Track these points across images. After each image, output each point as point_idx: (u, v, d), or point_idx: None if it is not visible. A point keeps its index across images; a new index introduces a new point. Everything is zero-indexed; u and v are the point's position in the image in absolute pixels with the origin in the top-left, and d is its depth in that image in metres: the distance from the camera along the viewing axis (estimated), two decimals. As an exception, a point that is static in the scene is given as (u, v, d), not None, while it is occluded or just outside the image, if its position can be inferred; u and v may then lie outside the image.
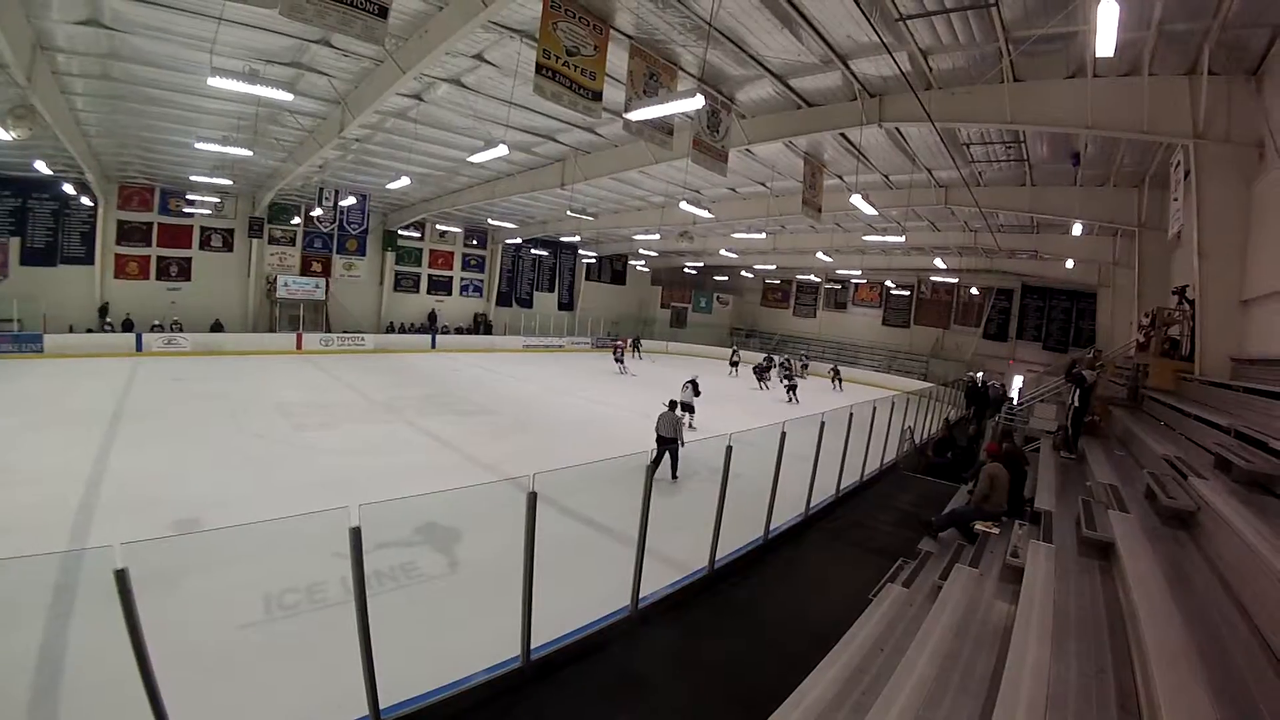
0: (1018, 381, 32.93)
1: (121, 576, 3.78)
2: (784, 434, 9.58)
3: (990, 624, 5.76)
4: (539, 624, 6.09)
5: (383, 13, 8.68)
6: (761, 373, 30.80)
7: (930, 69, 11.97)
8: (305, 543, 7.69)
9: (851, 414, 12.38)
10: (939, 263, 30.33)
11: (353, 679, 5.00)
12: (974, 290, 37.35)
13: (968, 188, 18.47)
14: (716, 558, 8.58)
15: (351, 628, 4.90)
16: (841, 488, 12.43)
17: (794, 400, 26.44)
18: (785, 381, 27.84)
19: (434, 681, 5.69)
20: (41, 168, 23.07)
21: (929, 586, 7.23)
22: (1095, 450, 11.33)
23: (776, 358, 34.15)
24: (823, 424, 10.92)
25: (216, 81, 11.18)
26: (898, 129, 15.14)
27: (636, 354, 32.79)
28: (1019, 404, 22.75)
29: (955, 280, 36.94)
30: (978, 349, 37.44)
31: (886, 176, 19.90)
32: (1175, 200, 13.05)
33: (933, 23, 10.33)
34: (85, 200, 28.02)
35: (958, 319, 39.50)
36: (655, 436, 12.88)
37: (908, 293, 41.61)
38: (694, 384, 18.57)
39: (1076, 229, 19.16)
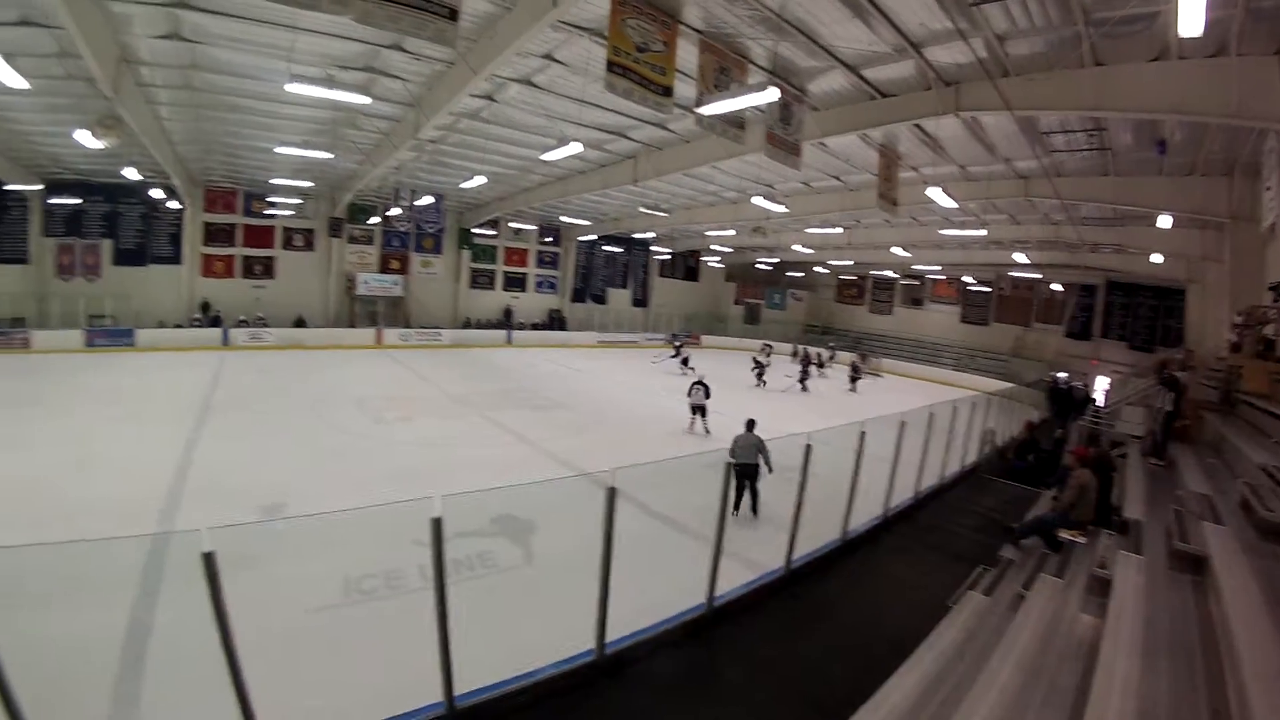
0: (1102, 383, 31.58)
1: (209, 559, 3.98)
2: (863, 434, 9.38)
3: (1075, 637, 5.52)
4: (612, 618, 6.09)
5: (453, 15, 8.76)
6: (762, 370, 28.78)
7: (1007, 55, 11.48)
8: (384, 531, 7.94)
9: (932, 414, 12.03)
10: (1019, 257, 29.19)
11: (428, 664, 5.09)
12: (1056, 286, 35.83)
13: (1048, 178, 17.69)
14: (793, 558, 8.46)
15: (427, 614, 4.98)
16: (920, 490, 12.12)
17: (805, 389, 26.82)
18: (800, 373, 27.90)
19: (507, 671, 5.77)
20: (131, 174, 24.70)
21: (1011, 595, 6.97)
22: (1186, 457, 10.78)
23: (814, 351, 33.56)
24: (903, 424, 10.67)
25: (294, 87, 11.60)
26: (974, 118, 14.56)
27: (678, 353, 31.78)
28: (1104, 407, 21.78)
29: (1037, 276, 35.52)
30: (1060, 348, 35.89)
31: (964, 168, 19.28)
32: (1268, 189, 12.29)
33: (1007, 6, 9.91)
34: (173, 204, 29.64)
35: (1039, 316, 37.89)
36: (732, 466, 9.60)
37: (987, 289, 40.06)
38: (703, 385, 17.77)
39: (1163, 221, 18.25)
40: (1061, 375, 28.21)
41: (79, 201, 28.72)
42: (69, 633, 6.28)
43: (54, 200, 28.17)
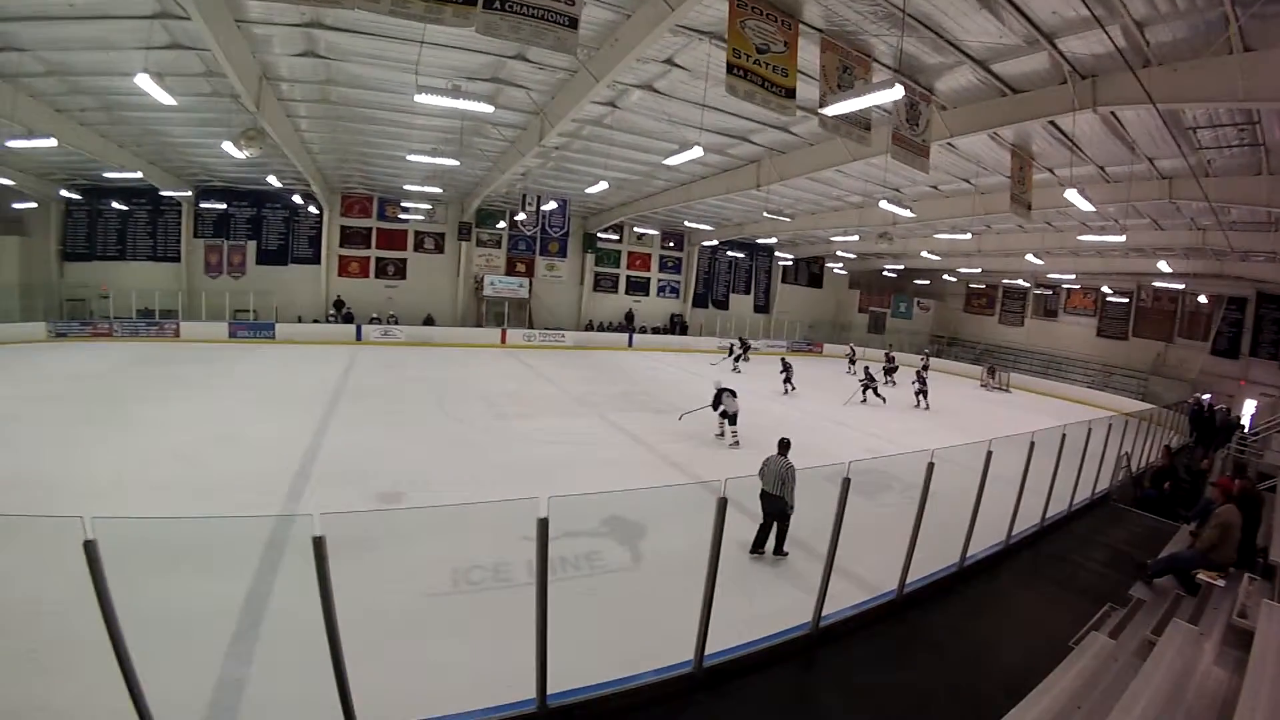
0: (1249, 407, 28.86)
1: (319, 543, 4.13)
2: (990, 454, 8.89)
3: (1208, 693, 5.02)
4: (714, 630, 5.97)
5: (573, 24, 8.87)
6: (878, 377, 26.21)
7: (1147, 43, 10.58)
8: (494, 525, 8.13)
9: (1064, 435, 11.23)
10: (1162, 266, 27.15)
11: (525, 660, 5.15)
12: (1201, 298, 32.72)
13: (1195, 178, 16.15)
14: (906, 582, 8.05)
15: (529, 609, 5.01)
16: (1047, 517, 11.27)
17: (865, 400, 24.35)
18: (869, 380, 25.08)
19: (602, 674, 5.76)
20: (273, 181, 27.29)
21: (1139, 640, 6.36)
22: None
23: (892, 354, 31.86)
24: (1032, 444, 9.96)
25: (423, 98, 12.08)
26: (1113, 114, 13.57)
27: (737, 359, 31.16)
28: (1252, 433, 19.94)
29: (1180, 286, 32.37)
30: (1204, 366, 32.67)
31: (1102, 168, 18.04)
32: None
33: (1146, -13, 9.22)
34: (312, 209, 32.14)
35: (1182, 331, 34.61)
36: (760, 493, 9.03)
37: (1126, 300, 36.98)
38: (730, 391, 16.32)
39: (1322, 224, 16.58)
40: (1205, 397, 25.89)
41: (226, 206, 31.53)
42: (198, 593, 6.84)
43: (203, 205, 31.03)
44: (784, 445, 9.33)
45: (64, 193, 27.98)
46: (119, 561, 3.87)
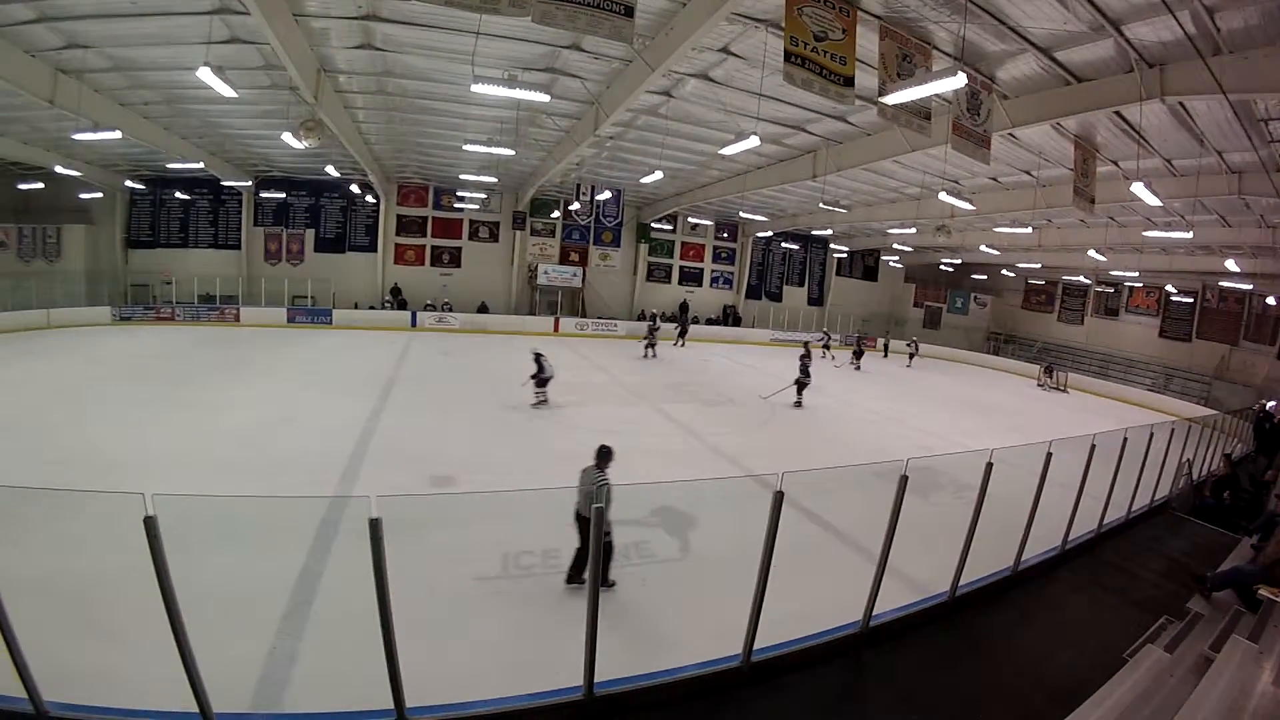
0: (1318, 416, 27.34)
1: (375, 525, 4.19)
2: (1049, 455, 8.63)
3: (1266, 715, 4.78)
4: (763, 625, 5.88)
5: (629, 12, 8.86)
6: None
7: (1218, 29, 10.06)
8: (546, 510, 8.12)
9: (1126, 439, 10.90)
10: (1230, 264, 26.09)
11: (571, 645, 5.16)
12: (1270, 300, 31.12)
13: (1266, 173, 15.56)
14: (959, 584, 7.82)
15: (579, 595, 5.01)
16: (1104, 523, 10.79)
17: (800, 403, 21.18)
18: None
19: (650, 664, 5.75)
20: (331, 171, 27.98)
21: (1195, 656, 6.14)
22: None
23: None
24: (1093, 447, 9.62)
25: (479, 88, 12.20)
26: (1182, 104, 12.99)
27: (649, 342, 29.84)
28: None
29: (1247, 287, 30.87)
30: (1271, 372, 31.02)
31: (1169, 161, 17.34)
32: None
33: (1217, -29, 8.83)
34: (369, 198, 32.70)
35: (1249, 334, 32.92)
36: (574, 513, 7.25)
37: (1190, 300, 35.23)
38: (544, 357, 17.19)
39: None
40: (1270, 404, 24.74)
41: (285, 196, 32.43)
42: (254, 569, 7.11)
43: (263, 194, 31.98)
44: (602, 455, 7.36)
45: (129, 183, 28.85)
46: (177, 537, 4.00)
